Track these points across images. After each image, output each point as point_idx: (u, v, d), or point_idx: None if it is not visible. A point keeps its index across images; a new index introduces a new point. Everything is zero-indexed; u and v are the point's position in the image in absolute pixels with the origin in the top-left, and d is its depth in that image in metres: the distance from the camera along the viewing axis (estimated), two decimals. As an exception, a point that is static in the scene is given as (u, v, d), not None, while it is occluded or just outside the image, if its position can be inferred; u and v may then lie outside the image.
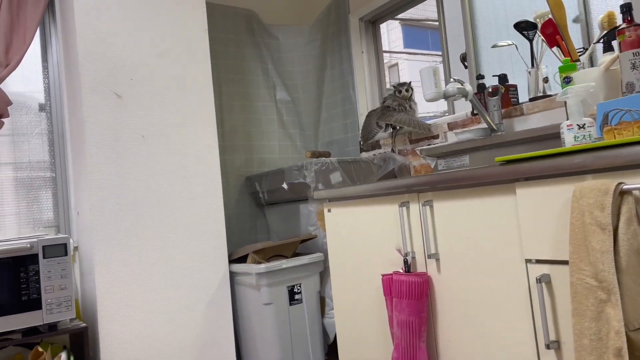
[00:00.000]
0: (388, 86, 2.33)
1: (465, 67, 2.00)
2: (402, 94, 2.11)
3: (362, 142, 2.37)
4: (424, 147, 1.90)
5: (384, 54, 2.56)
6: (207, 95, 2.01)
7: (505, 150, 1.66)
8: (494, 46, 1.86)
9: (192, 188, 1.93)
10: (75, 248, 1.89)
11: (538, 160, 1.01)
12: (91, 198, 1.74)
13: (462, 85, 1.62)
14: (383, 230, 1.46)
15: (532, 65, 1.69)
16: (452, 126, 1.96)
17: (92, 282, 1.71)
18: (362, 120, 2.40)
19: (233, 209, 2.46)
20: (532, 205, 1.03)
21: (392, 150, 2.22)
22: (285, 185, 2.15)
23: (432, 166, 1.91)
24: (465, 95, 1.61)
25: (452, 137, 1.92)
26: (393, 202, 1.41)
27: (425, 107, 1.86)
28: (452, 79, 1.62)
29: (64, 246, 1.64)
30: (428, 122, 2.09)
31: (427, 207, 1.29)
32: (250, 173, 2.51)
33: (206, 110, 2.00)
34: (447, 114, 2.11)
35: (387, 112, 2.11)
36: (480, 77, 1.85)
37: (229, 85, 2.53)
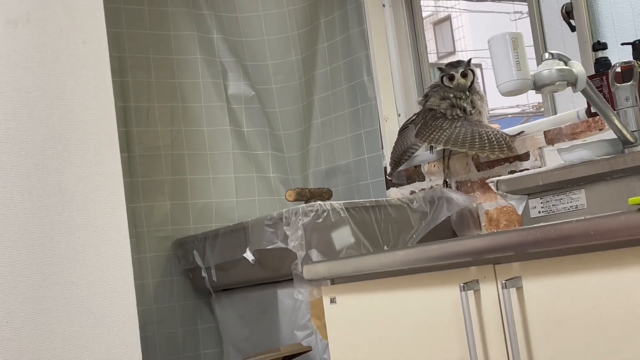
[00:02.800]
0: (435, 58, 2.39)
1: (572, 28, 2.06)
2: (455, 82, 2.17)
3: (389, 170, 2.41)
4: (503, 178, 1.94)
5: (426, 1, 2.64)
6: (101, 92, 2.05)
7: (652, 180, 1.70)
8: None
9: (73, 265, 1.95)
10: None
11: None
12: None
13: (566, 64, 1.67)
14: (432, 334, 1.47)
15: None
16: (552, 137, 2.01)
17: None
18: (386, 129, 2.46)
19: (152, 302, 2.47)
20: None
21: (445, 184, 2.27)
22: (249, 256, 2.18)
23: (520, 211, 1.95)
24: (572, 82, 1.67)
25: (553, 157, 1.97)
26: (449, 282, 1.43)
27: (499, 97, 1.90)
28: (547, 54, 1.68)
29: None
30: (508, 131, 2.14)
31: (512, 290, 1.31)
32: (182, 234, 2.54)
33: (99, 120, 2.04)
34: (541, 113, 2.16)
35: (431, 123, 2.16)
36: (600, 46, 1.91)
37: (142, 74, 2.59)
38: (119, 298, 2.01)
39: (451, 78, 2.17)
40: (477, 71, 2.26)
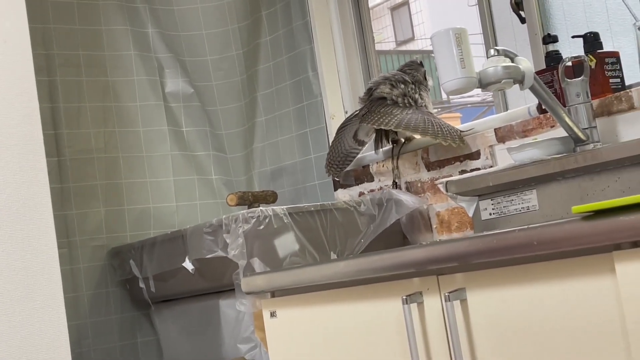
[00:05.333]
0: (394, 45, 2.39)
1: (522, 20, 2.07)
2: (415, 77, 2.18)
3: (331, 173, 2.40)
4: (452, 179, 1.94)
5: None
6: (24, 94, 2.01)
7: (604, 179, 1.71)
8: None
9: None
10: None
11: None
12: None
13: (512, 60, 1.67)
14: (375, 349, 1.47)
15: (645, 14, 1.77)
16: (503, 134, 2.02)
17: None
18: (333, 127, 2.45)
19: (87, 315, 2.45)
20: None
21: (395, 185, 2.27)
22: (189, 265, 2.16)
23: (470, 213, 1.96)
24: (519, 80, 1.67)
25: (505, 156, 1.98)
26: (392, 294, 1.43)
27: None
28: (492, 50, 1.68)
29: None
30: (458, 128, 2.14)
31: (456, 303, 1.31)
32: (118, 242, 2.52)
33: (22, 124, 2.00)
34: (491, 109, 2.17)
35: (379, 110, 2.16)
36: (550, 39, 1.92)
37: (71, 72, 2.54)
38: (48, 314, 1.98)
39: (414, 68, 2.21)
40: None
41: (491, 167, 2.01)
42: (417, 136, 2.19)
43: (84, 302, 2.46)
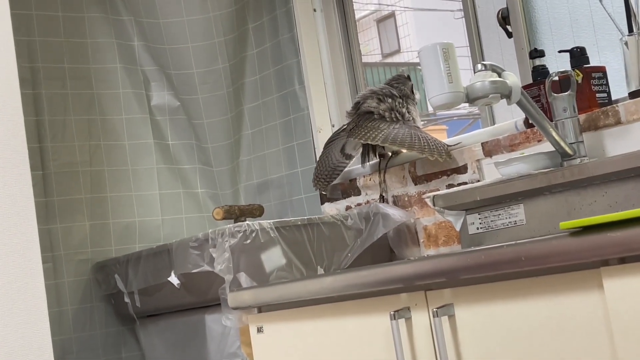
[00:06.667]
0: (380, 57, 2.39)
1: (509, 35, 2.08)
2: (403, 92, 2.18)
3: (318, 187, 2.40)
4: (440, 193, 1.94)
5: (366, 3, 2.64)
6: (8, 107, 2.00)
7: (591, 193, 1.72)
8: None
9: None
10: None
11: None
12: None
13: (499, 75, 1.68)
14: (364, 366, 1.47)
15: (631, 29, 1.78)
16: (490, 148, 2.03)
17: None
18: (320, 140, 2.45)
19: (71, 330, 2.44)
20: (635, 310, 1.08)
21: (382, 198, 2.27)
22: (175, 280, 2.15)
23: (457, 228, 1.96)
24: (506, 95, 1.68)
25: (492, 170, 1.99)
26: (380, 310, 1.43)
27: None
28: (480, 65, 1.68)
29: None
30: (444, 142, 2.15)
31: (444, 319, 1.31)
32: (103, 256, 2.51)
33: (6, 137, 1.99)
34: (477, 122, 2.17)
35: (366, 124, 2.17)
36: (537, 54, 1.93)
37: (56, 85, 2.54)
38: (31, 330, 1.97)
39: (400, 83, 2.22)
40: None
41: (478, 181, 2.02)
42: (404, 150, 2.20)
43: (68, 317, 2.44)
